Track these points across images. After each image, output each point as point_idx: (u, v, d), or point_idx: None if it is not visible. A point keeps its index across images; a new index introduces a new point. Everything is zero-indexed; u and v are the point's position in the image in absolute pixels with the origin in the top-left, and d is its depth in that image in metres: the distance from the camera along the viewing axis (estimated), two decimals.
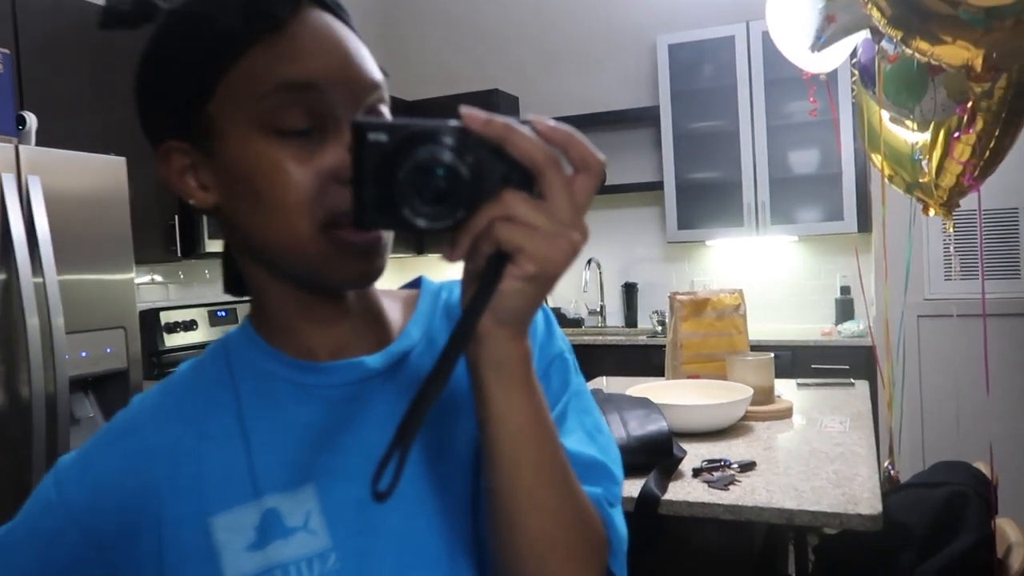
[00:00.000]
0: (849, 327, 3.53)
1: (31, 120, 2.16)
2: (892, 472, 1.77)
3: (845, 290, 3.79)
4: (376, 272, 0.58)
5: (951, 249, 2.72)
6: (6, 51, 2.04)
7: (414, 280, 0.72)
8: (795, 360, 3.45)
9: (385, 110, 0.59)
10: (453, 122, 0.45)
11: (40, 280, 2.00)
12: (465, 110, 0.45)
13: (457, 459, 0.62)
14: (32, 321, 1.96)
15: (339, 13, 0.58)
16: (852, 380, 2.47)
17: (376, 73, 0.58)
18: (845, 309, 3.75)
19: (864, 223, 3.65)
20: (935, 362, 3.13)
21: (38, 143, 2.16)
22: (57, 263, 2.03)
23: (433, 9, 4.73)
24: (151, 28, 0.60)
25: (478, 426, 0.53)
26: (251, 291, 0.64)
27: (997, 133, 1.79)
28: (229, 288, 0.67)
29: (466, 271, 0.49)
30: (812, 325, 3.89)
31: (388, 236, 0.58)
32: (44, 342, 1.99)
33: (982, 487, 1.56)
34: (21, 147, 2.01)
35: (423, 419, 0.47)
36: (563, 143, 0.47)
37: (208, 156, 0.57)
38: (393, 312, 0.67)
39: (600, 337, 3.99)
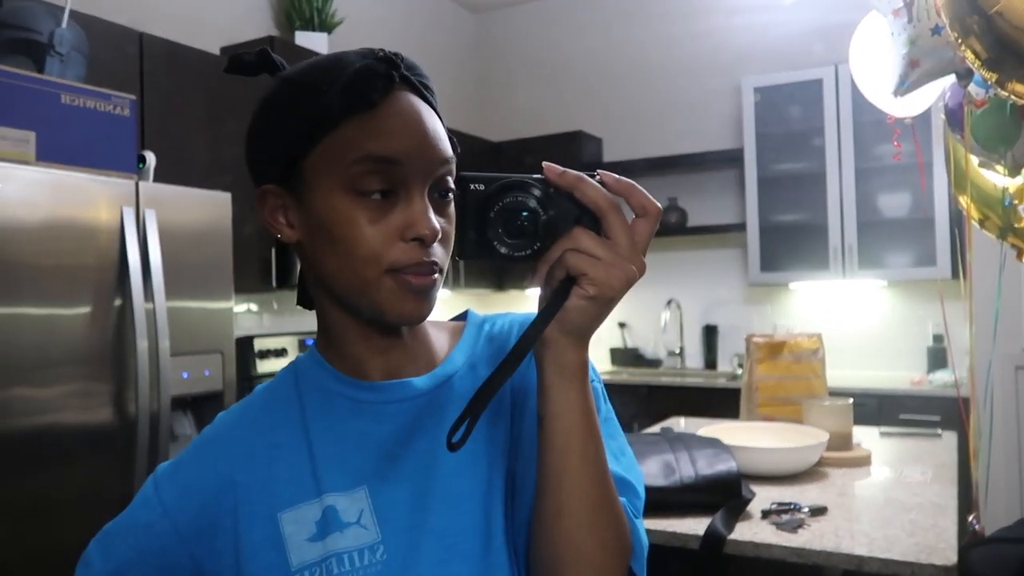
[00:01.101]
0: (941, 376, 3.39)
1: (151, 159, 2.36)
2: (976, 526, 1.70)
3: (938, 338, 3.65)
4: (427, 311, 0.67)
5: None
6: (133, 97, 2.25)
7: (461, 313, 0.82)
8: (882, 408, 3.33)
9: (451, 181, 0.68)
10: (536, 176, 0.57)
11: (151, 306, 2.17)
12: (546, 164, 0.58)
13: (493, 467, 0.70)
14: (142, 344, 2.12)
15: (424, 94, 0.68)
16: (939, 431, 2.38)
17: (447, 151, 0.67)
18: (937, 357, 3.60)
19: (958, 269, 3.51)
20: None
21: (155, 179, 2.36)
22: (166, 290, 2.21)
23: (522, 55, 4.89)
24: (265, 80, 0.73)
25: (538, 420, 0.63)
26: (319, 317, 0.74)
27: None
28: (301, 301, 0.78)
29: (541, 295, 0.60)
30: (901, 373, 3.75)
31: (439, 282, 0.67)
32: (152, 363, 2.16)
33: None
34: (140, 183, 2.20)
35: (494, 394, 0.58)
36: (625, 192, 0.58)
37: (298, 202, 0.67)
38: (440, 340, 0.77)
39: (679, 378, 3.96)
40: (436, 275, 0.66)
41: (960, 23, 1.47)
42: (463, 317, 0.82)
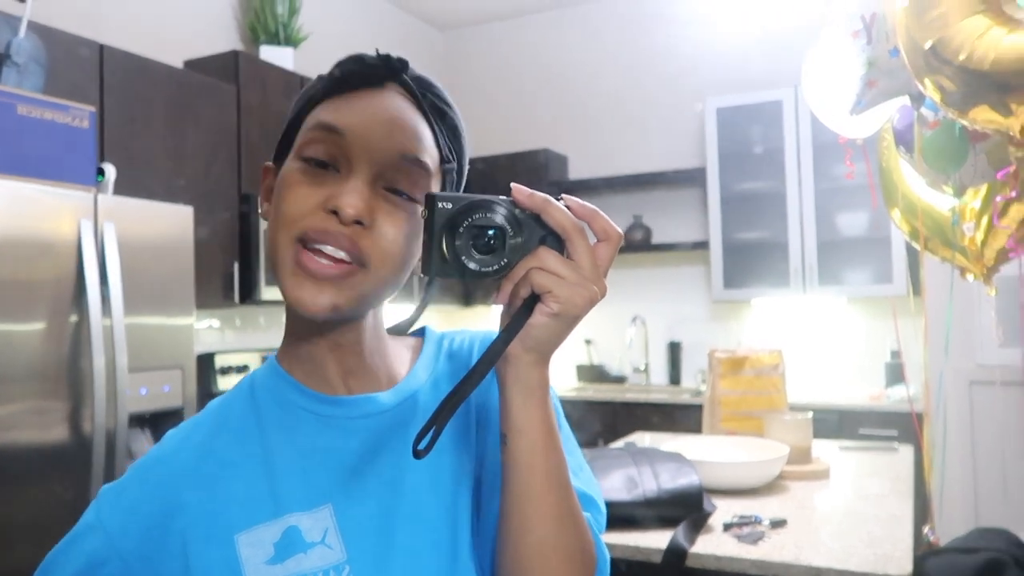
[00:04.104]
0: (898, 392, 3.46)
1: (110, 171, 2.33)
2: (931, 537, 1.73)
3: (896, 354, 3.73)
4: (326, 305, 0.62)
5: (993, 315, 2.67)
6: (92, 108, 2.22)
7: (419, 330, 0.81)
8: (842, 423, 3.39)
9: (409, 183, 0.65)
10: (504, 197, 0.59)
11: (108, 322, 2.13)
12: (514, 186, 0.59)
13: (459, 484, 0.69)
14: (99, 360, 2.08)
15: (417, 97, 0.67)
16: (896, 445, 2.43)
17: (410, 148, 0.64)
18: (895, 373, 3.68)
19: (916, 286, 3.60)
20: (986, 429, 3.05)
21: (115, 192, 2.33)
22: (125, 305, 2.17)
23: (489, 73, 4.92)
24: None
25: (500, 437, 0.63)
26: (286, 308, 0.70)
27: None
28: None
29: (504, 312, 0.61)
30: (861, 388, 3.82)
31: (356, 278, 0.63)
32: (108, 379, 2.11)
33: (1021, 555, 1.53)
34: (99, 196, 2.17)
35: (459, 403, 0.59)
36: (588, 217, 0.59)
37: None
38: (400, 356, 0.76)
39: (643, 395, 3.98)
40: (341, 265, 0.62)
41: (926, 68, 1.51)
42: (420, 333, 0.81)
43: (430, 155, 0.66)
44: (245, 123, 3.15)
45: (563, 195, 0.60)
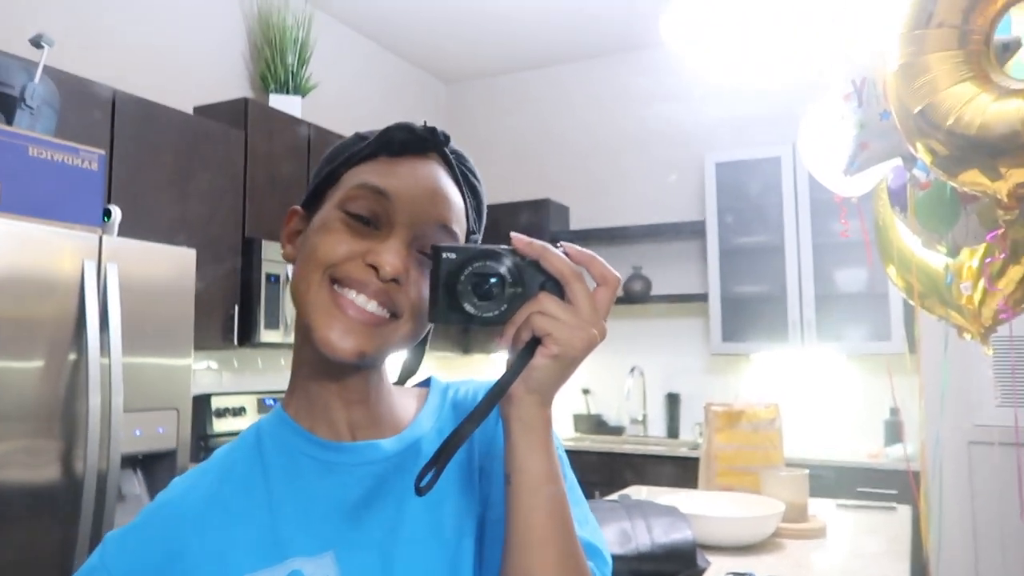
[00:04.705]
0: (896, 450, 3.43)
1: (116, 213, 2.36)
2: None
3: (895, 412, 3.71)
4: (355, 350, 0.65)
5: (990, 375, 2.67)
6: (102, 151, 2.26)
7: (424, 380, 0.83)
8: (840, 481, 3.36)
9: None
10: (504, 246, 0.61)
11: (106, 361, 2.13)
12: (514, 235, 0.61)
13: (461, 532, 0.70)
14: (95, 400, 2.08)
15: (454, 171, 0.72)
16: (894, 504, 2.40)
17: (448, 218, 0.69)
18: (894, 431, 3.66)
19: (913, 344, 3.60)
20: (985, 489, 3.02)
21: (120, 234, 2.36)
22: (123, 345, 2.18)
23: (493, 125, 5.01)
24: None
25: (504, 478, 0.64)
26: (293, 352, 0.73)
27: None
28: None
29: (508, 356, 0.62)
30: (860, 445, 3.79)
31: (386, 329, 0.67)
32: (103, 420, 2.11)
33: None
34: (104, 237, 2.19)
35: (461, 442, 0.60)
36: (586, 262, 0.61)
37: (308, 224, 0.71)
38: (405, 405, 0.77)
39: (641, 446, 3.95)
40: (375, 319, 0.65)
41: (916, 131, 1.55)
42: (426, 384, 0.82)
43: (460, 225, 0.71)
44: (251, 169, 3.20)
45: (561, 242, 0.62)
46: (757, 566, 1.68)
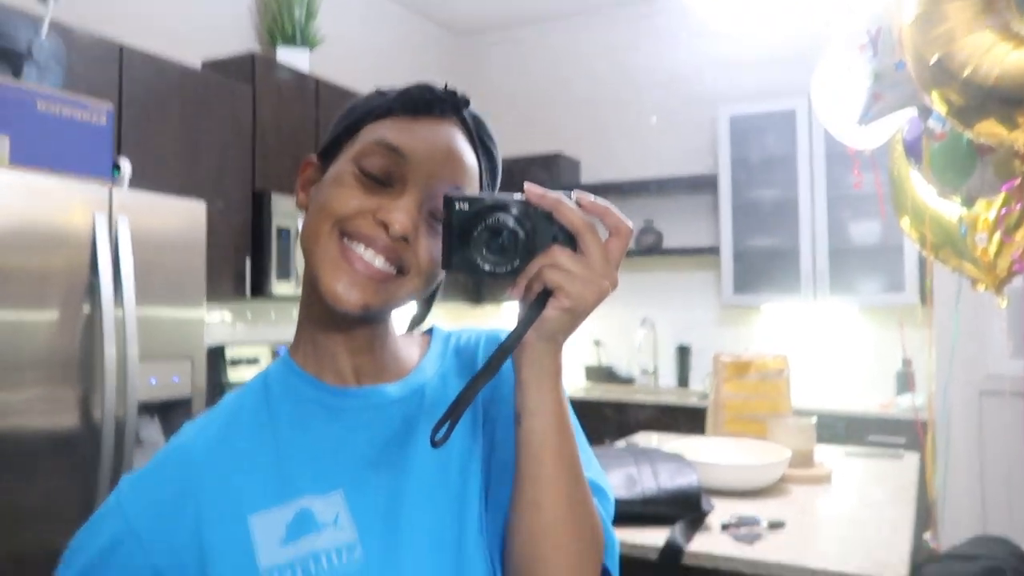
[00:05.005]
0: (907, 400, 3.44)
1: (126, 166, 2.37)
2: (932, 544, 1.73)
3: (907, 363, 3.71)
4: (360, 302, 0.67)
5: (1004, 326, 2.66)
6: (110, 106, 2.26)
7: (427, 329, 0.85)
8: (850, 430, 3.38)
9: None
10: (517, 195, 0.61)
11: (120, 312, 2.16)
12: (527, 185, 0.61)
13: (467, 472, 0.72)
14: (110, 350, 2.12)
15: (471, 135, 0.73)
16: (902, 452, 2.42)
17: (460, 178, 0.70)
18: (905, 382, 3.66)
19: (925, 295, 3.58)
20: (995, 438, 3.02)
21: (129, 186, 2.37)
22: (136, 297, 2.20)
23: (504, 78, 4.95)
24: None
25: (515, 419, 0.66)
26: (301, 300, 0.75)
27: None
28: None
29: (520, 307, 0.63)
30: (871, 396, 3.80)
31: (392, 284, 0.68)
32: (119, 369, 2.15)
33: (1021, 564, 1.52)
34: (114, 190, 2.21)
35: (476, 393, 0.62)
36: (600, 213, 0.61)
37: (324, 173, 0.72)
38: (409, 351, 0.79)
39: (651, 396, 3.98)
40: (382, 274, 0.67)
41: (932, 81, 1.52)
42: (428, 332, 0.84)
43: (473, 189, 0.72)
44: (260, 123, 3.19)
45: (575, 191, 0.62)
46: (762, 510, 1.71)
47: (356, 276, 0.66)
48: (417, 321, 0.84)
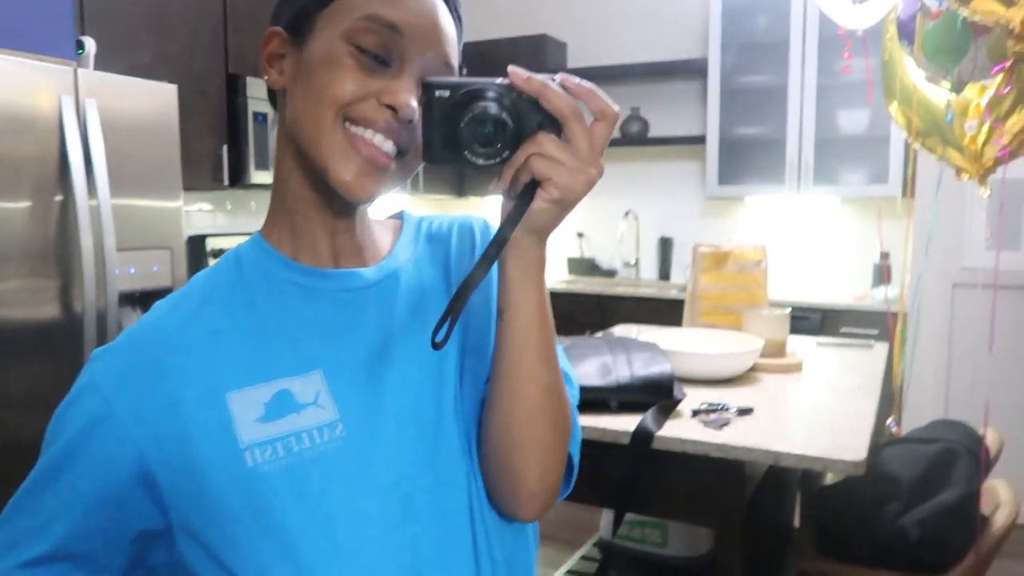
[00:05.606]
0: (881, 292, 3.50)
1: (90, 45, 2.26)
2: (894, 428, 1.80)
3: (885, 255, 3.75)
4: (370, 191, 0.67)
5: (983, 216, 2.67)
6: None
7: (396, 213, 0.84)
8: (825, 322, 3.45)
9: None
10: (500, 80, 0.59)
11: (95, 202, 2.13)
12: (511, 69, 0.59)
13: (443, 357, 0.74)
14: (86, 241, 2.09)
15: (452, 6, 0.71)
16: (872, 342, 2.48)
17: (451, 57, 0.69)
18: (882, 274, 3.71)
19: (907, 187, 3.58)
20: (965, 330, 3.11)
21: (96, 68, 2.27)
22: (110, 185, 2.16)
23: None
24: None
25: (498, 313, 0.68)
26: (276, 186, 0.74)
27: None
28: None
29: (505, 196, 0.63)
30: (849, 289, 3.86)
31: (393, 169, 0.68)
32: (97, 259, 2.13)
33: (975, 446, 1.59)
34: (80, 71, 2.12)
35: (472, 291, 0.62)
36: (585, 97, 0.59)
37: (297, 50, 0.68)
38: (382, 235, 0.79)
39: (633, 288, 4.03)
40: (390, 160, 0.66)
41: None
42: (399, 217, 0.83)
43: (457, 60, 0.71)
44: None
45: (560, 74, 0.60)
46: (733, 398, 1.76)
47: (364, 163, 0.66)
48: None
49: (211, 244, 3.25)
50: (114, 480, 0.66)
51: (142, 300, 2.36)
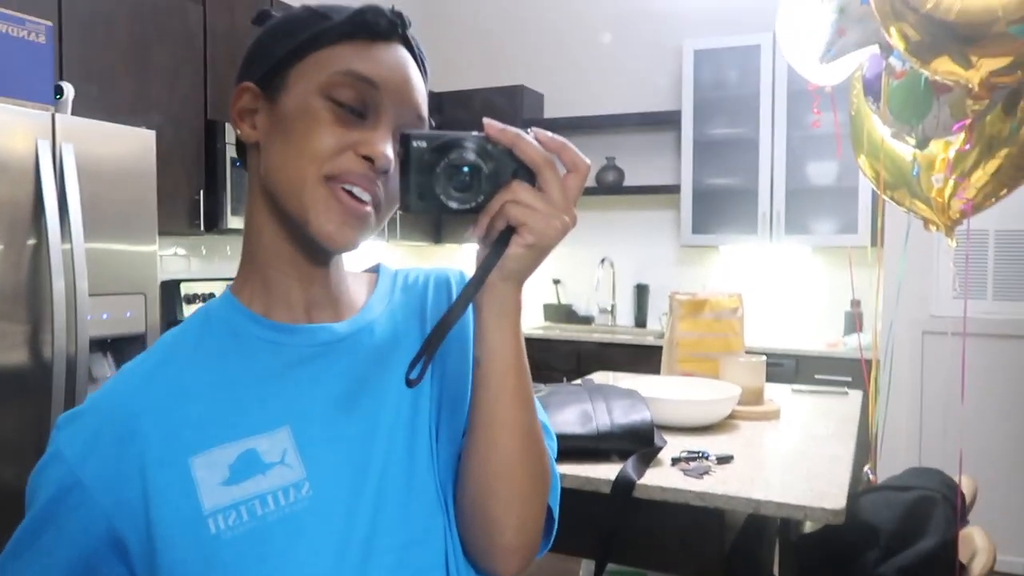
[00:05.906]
0: (853, 339, 3.55)
1: (68, 90, 2.26)
2: (871, 476, 1.81)
3: (856, 303, 3.81)
4: (350, 240, 0.68)
5: (951, 266, 2.74)
6: (49, 23, 2.15)
7: (373, 266, 0.84)
8: (799, 369, 3.48)
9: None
10: (476, 133, 0.61)
11: (68, 246, 2.10)
12: (486, 121, 0.61)
13: (416, 407, 0.72)
14: (59, 284, 2.06)
15: (419, 60, 0.73)
16: (847, 389, 2.51)
17: (422, 109, 0.71)
18: (854, 322, 3.77)
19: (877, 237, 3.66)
20: (935, 377, 3.15)
21: (74, 113, 2.27)
22: (85, 230, 2.14)
23: (467, 8, 4.81)
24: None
25: (474, 361, 0.67)
26: (248, 240, 0.73)
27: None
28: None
29: (481, 243, 0.63)
30: (821, 336, 3.91)
31: (371, 219, 0.69)
32: (68, 304, 2.10)
33: (951, 493, 1.61)
34: (57, 116, 2.11)
35: (447, 332, 0.63)
36: (557, 149, 0.61)
37: (270, 105, 0.69)
38: (357, 288, 0.79)
39: (609, 335, 4.04)
40: (370, 209, 0.67)
41: (892, 15, 1.52)
42: (375, 270, 0.83)
43: (426, 112, 0.72)
44: (211, 46, 3.06)
45: (532, 128, 0.62)
46: (711, 446, 1.76)
47: (346, 215, 0.66)
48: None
49: (185, 289, 3.21)
50: (87, 546, 0.65)
51: (113, 346, 2.32)
